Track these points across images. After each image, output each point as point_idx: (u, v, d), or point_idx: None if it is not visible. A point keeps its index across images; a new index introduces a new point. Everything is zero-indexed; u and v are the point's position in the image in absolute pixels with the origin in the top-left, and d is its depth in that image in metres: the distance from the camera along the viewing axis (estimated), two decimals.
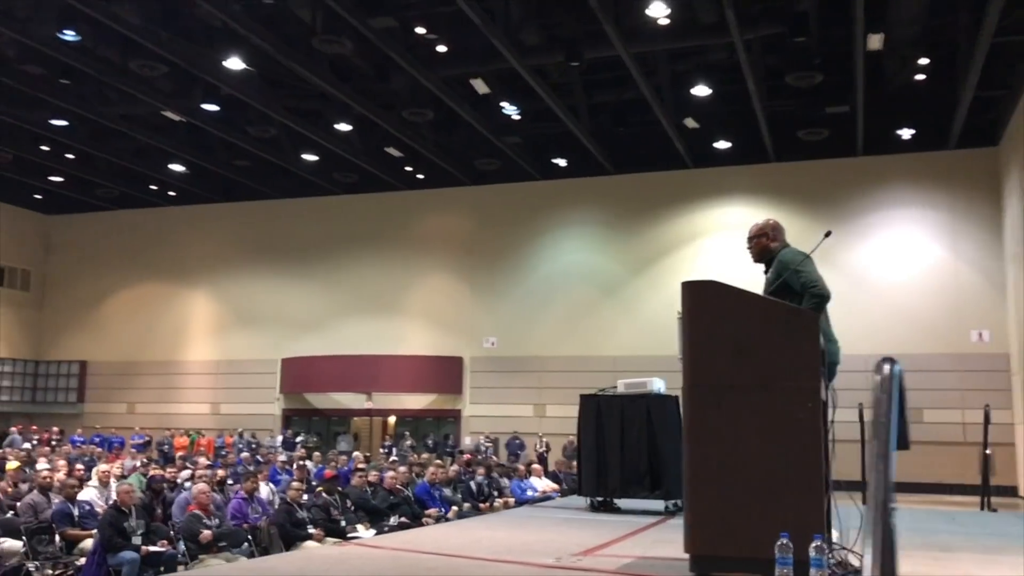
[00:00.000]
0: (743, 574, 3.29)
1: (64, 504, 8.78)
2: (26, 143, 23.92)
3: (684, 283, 3.83)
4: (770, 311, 3.67)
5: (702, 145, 23.34)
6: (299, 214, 27.92)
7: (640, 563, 3.94)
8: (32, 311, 30.31)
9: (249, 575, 3.89)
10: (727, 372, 3.59)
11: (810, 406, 3.47)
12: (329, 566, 4.07)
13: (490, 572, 3.76)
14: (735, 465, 3.50)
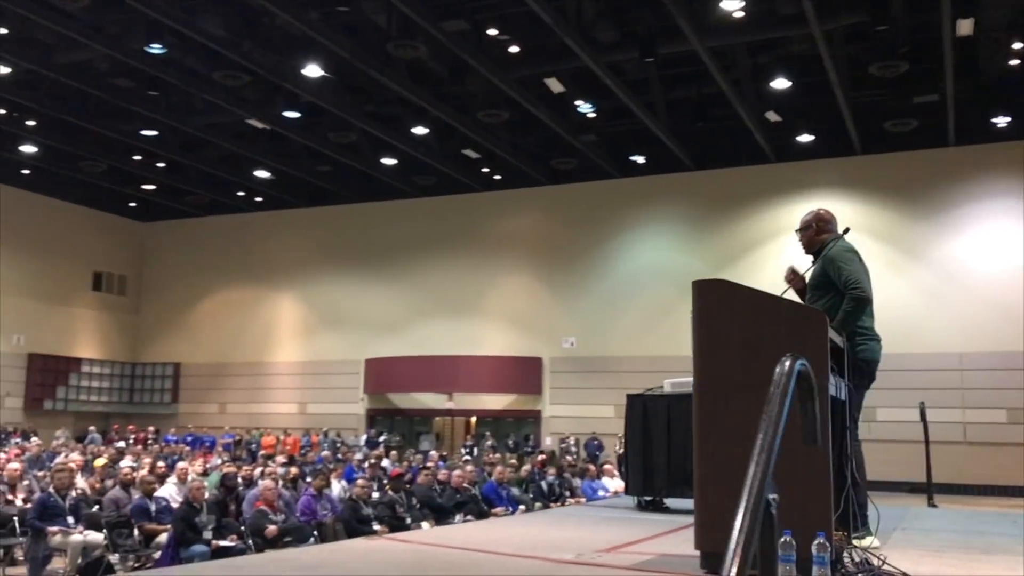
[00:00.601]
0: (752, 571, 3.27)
1: (143, 500, 9.09)
2: (120, 153, 24.90)
3: (694, 282, 3.82)
4: (778, 310, 3.62)
5: (784, 139, 22.84)
6: (380, 217, 28.34)
7: (657, 560, 3.91)
8: (129, 315, 31.53)
9: (265, 566, 3.94)
10: (736, 371, 3.59)
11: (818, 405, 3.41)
12: (350, 558, 4.11)
13: (506, 567, 3.75)
14: (742, 464, 3.46)
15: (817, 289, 4.99)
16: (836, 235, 5.12)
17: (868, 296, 4.71)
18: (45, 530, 8.86)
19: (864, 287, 4.70)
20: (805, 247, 5.15)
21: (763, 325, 3.63)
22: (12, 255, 27.32)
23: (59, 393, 28.55)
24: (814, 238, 5.09)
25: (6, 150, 24.47)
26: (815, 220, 5.12)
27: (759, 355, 3.59)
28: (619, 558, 4.05)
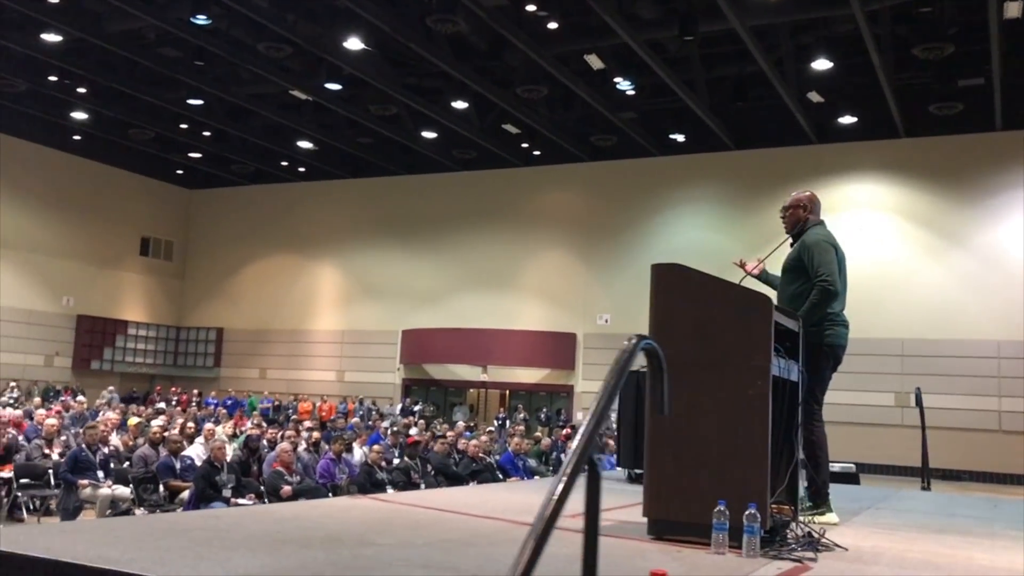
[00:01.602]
0: (692, 537, 3.50)
1: (168, 458, 9.46)
2: (167, 121, 25.40)
3: (653, 265, 3.96)
4: (727, 294, 3.80)
5: (826, 120, 22.58)
6: (420, 190, 28.58)
7: (614, 526, 4.12)
8: (175, 280, 32.28)
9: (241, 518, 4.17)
10: (687, 350, 3.75)
11: (759, 384, 3.59)
12: (326, 514, 4.32)
13: (467, 526, 3.95)
14: (689, 437, 3.68)
15: (790, 272, 5.10)
16: (818, 221, 5.19)
17: (835, 289, 4.82)
18: (76, 483, 9.29)
19: (834, 280, 4.82)
20: (788, 227, 5.23)
21: (713, 308, 3.78)
22: (63, 219, 28.11)
23: (106, 354, 29.40)
24: (801, 218, 5.16)
25: (58, 117, 25.12)
26: (806, 201, 5.19)
27: (708, 336, 3.75)
28: (579, 523, 4.23)
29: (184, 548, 3.15)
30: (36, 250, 27.33)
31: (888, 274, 22.72)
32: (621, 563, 3.23)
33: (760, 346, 3.66)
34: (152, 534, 3.47)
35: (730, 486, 3.50)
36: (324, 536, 3.57)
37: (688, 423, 3.69)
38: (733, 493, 3.43)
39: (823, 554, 3.55)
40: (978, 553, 3.96)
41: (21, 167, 26.77)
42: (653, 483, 3.77)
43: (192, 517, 4.58)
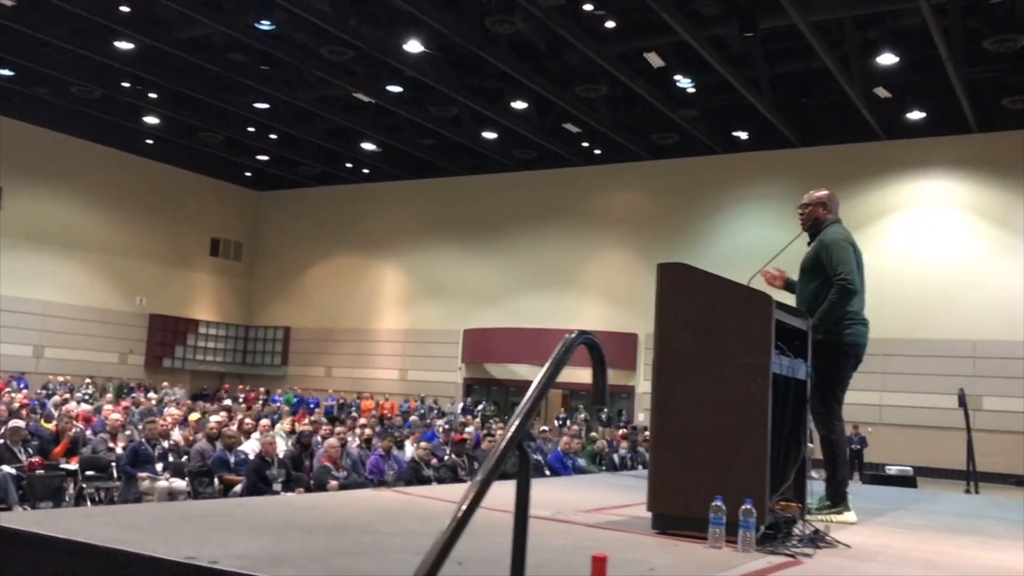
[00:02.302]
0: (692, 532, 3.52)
1: (223, 452, 9.75)
2: (235, 125, 26.07)
3: (658, 264, 3.99)
4: (729, 293, 3.81)
5: (894, 116, 22.07)
6: (481, 190, 28.78)
7: (623, 520, 4.17)
8: (243, 280, 33.09)
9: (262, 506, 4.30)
10: (690, 348, 3.79)
11: (760, 382, 3.59)
12: (343, 504, 4.43)
13: (478, 518, 4.00)
14: (692, 434, 3.71)
15: (808, 272, 5.05)
16: (835, 219, 5.14)
17: (855, 288, 4.77)
18: (135, 475, 9.63)
19: (852, 279, 4.77)
20: (804, 225, 5.18)
21: (715, 306, 3.81)
22: (137, 221, 29.06)
23: (177, 352, 30.31)
24: (819, 217, 5.11)
25: (131, 121, 25.97)
26: (825, 199, 5.14)
27: (710, 334, 3.77)
28: (590, 517, 4.28)
29: (194, 532, 3.28)
30: (111, 251, 28.32)
31: (960, 273, 22.13)
32: (611, 553, 3.26)
33: (760, 344, 3.67)
34: (169, 519, 3.62)
35: (730, 482, 3.52)
36: (332, 524, 3.68)
37: (690, 420, 3.72)
38: (732, 489, 3.45)
39: (823, 551, 3.53)
40: (986, 553, 3.88)
41: (96, 171, 27.79)
42: (657, 479, 3.81)
43: (213, 505, 4.75)
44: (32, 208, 26.32)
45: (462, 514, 1.91)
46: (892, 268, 22.98)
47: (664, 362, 3.85)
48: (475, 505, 1.95)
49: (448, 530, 1.88)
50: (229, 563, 2.71)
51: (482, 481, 1.98)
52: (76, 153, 27.32)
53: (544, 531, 3.86)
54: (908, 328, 22.26)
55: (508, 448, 2.07)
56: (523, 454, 2.09)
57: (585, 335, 2.56)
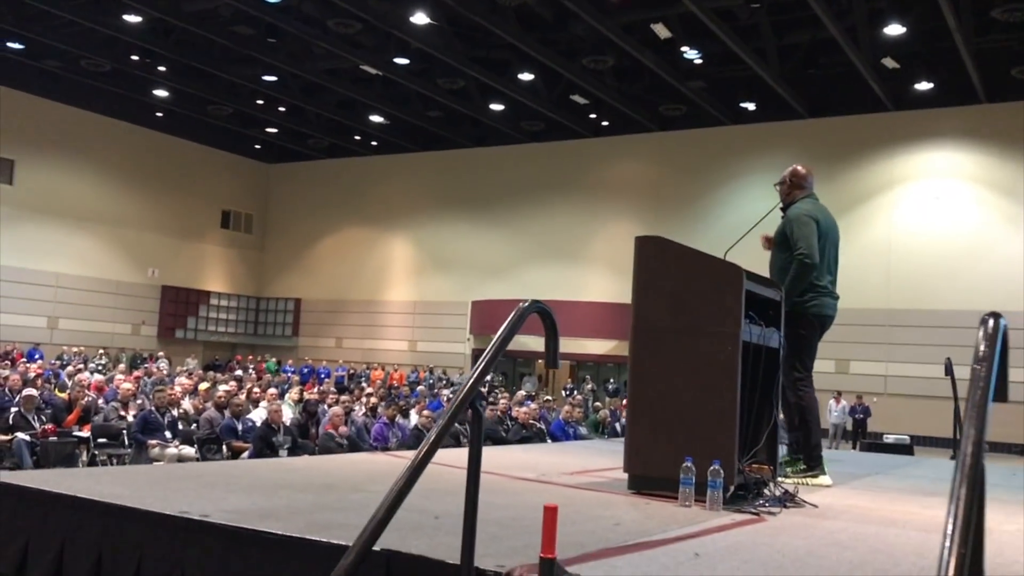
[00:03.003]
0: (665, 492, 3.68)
1: (231, 420, 9.98)
2: (244, 98, 26.18)
3: (636, 238, 4.15)
4: (702, 264, 3.97)
5: (902, 86, 21.98)
6: (489, 162, 28.84)
7: (604, 481, 4.36)
8: (254, 252, 33.35)
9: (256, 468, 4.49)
10: (664, 318, 3.95)
11: (729, 349, 3.74)
12: (338, 467, 4.63)
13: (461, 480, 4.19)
14: (665, 399, 3.87)
15: (778, 245, 5.23)
16: (808, 193, 5.28)
17: (812, 262, 4.92)
18: (145, 443, 9.89)
19: (811, 253, 4.92)
20: (781, 200, 5.34)
21: (689, 278, 3.97)
22: (148, 193, 29.28)
23: (189, 323, 30.64)
24: (790, 193, 5.27)
25: (141, 94, 26.11)
26: (791, 176, 5.30)
27: (684, 304, 3.94)
28: (573, 479, 4.46)
29: (190, 490, 3.48)
30: (123, 223, 28.57)
31: (966, 244, 22.12)
32: (583, 510, 3.44)
33: (731, 314, 3.83)
34: (169, 479, 3.82)
35: (701, 445, 3.68)
36: (323, 484, 3.86)
37: (664, 386, 3.89)
38: (703, 451, 3.62)
39: (789, 511, 3.69)
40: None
41: (107, 144, 27.98)
42: (633, 441, 3.98)
43: (211, 466, 4.95)
44: (44, 181, 26.57)
45: (416, 464, 2.07)
46: (899, 239, 23.02)
47: (640, 331, 4.02)
48: (428, 457, 2.12)
49: (401, 479, 2.05)
50: (219, 516, 2.90)
51: (436, 435, 2.14)
52: (87, 126, 27.50)
53: (524, 490, 4.04)
54: (914, 299, 22.33)
55: (461, 406, 2.23)
56: (475, 412, 2.25)
57: (537, 304, 2.72)
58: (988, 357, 1.50)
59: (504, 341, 2.46)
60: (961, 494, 1.29)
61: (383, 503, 2.05)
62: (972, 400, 1.45)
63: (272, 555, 2.67)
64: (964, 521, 1.23)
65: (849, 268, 24.09)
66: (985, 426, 1.41)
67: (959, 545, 1.19)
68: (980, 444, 1.36)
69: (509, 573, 2.23)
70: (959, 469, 1.37)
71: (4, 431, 9.63)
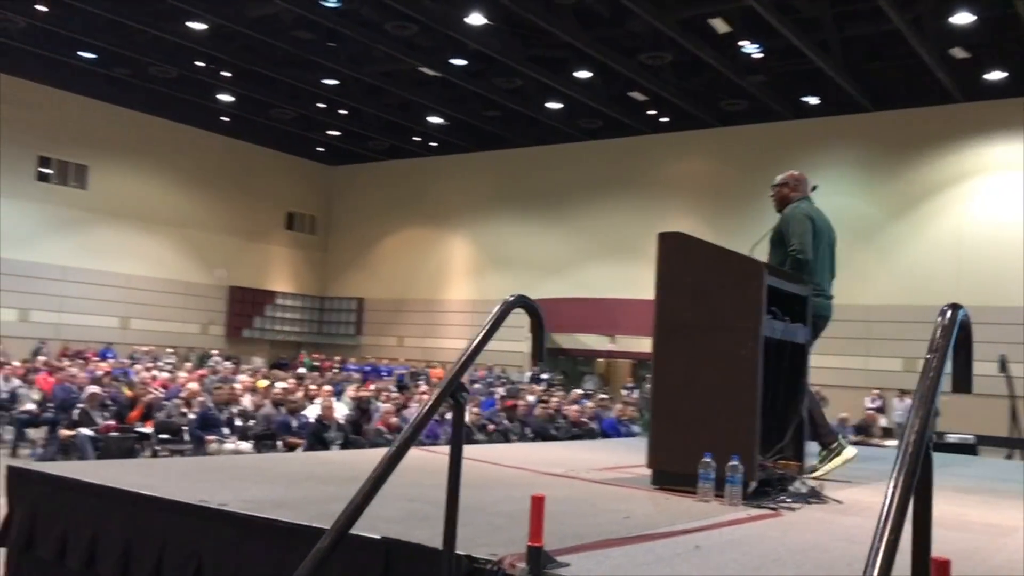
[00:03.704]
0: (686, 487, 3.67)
1: (286, 416, 10.21)
2: (306, 101, 26.64)
3: (659, 234, 4.15)
4: (722, 260, 3.94)
5: (972, 77, 21.34)
6: (546, 161, 28.85)
7: (627, 477, 4.38)
8: (318, 252, 33.95)
9: (290, 462, 4.58)
10: (686, 313, 3.94)
11: (750, 345, 3.71)
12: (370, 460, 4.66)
13: (492, 473, 4.26)
14: (687, 394, 3.86)
15: (774, 245, 5.23)
16: (803, 196, 5.27)
17: (806, 258, 4.89)
18: (203, 438, 10.16)
19: (804, 251, 4.90)
20: (776, 205, 5.35)
21: (710, 273, 3.95)
22: (215, 196, 30.03)
23: (256, 323, 31.32)
24: (786, 196, 5.27)
25: (207, 99, 26.76)
26: (790, 179, 5.31)
27: (704, 300, 3.92)
28: (602, 474, 4.47)
29: (216, 481, 3.59)
30: (191, 226, 29.34)
31: None
32: (599, 503, 3.44)
33: (752, 309, 3.81)
34: (199, 470, 3.94)
35: (721, 440, 3.67)
36: (348, 476, 3.93)
37: (686, 381, 3.89)
38: (724, 447, 3.60)
39: (812, 506, 3.64)
40: (979, 511, 3.93)
41: (175, 148, 28.78)
42: (655, 437, 3.98)
43: (243, 459, 5.08)
44: (116, 185, 27.44)
45: (393, 454, 2.11)
46: (970, 235, 22.37)
47: (662, 326, 4.02)
48: (405, 447, 2.15)
49: (378, 467, 2.09)
50: (236, 506, 2.99)
51: (414, 427, 2.18)
52: (156, 131, 28.31)
53: (547, 484, 4.06)
54: (985, 295, 21.66)
55: (441, 396, 2.27)
56: (457, 403, 2.29)
57: (523, 298, 2.74)
58: (942, 348, 1.49)
59: (487, 334, 2.49)
60: (899, 480, 1.28)
61: (360, 490, 2.09)
62: (919, 390, 1.44)
63: (282, 542, 2.74)
64: (898, 507, 1.22)
65: (917, 265, 23.65)
66: (931, 416, 1.39)
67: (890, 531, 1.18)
68: (923, 433, 1.34)
69: (500, 561, 2.26)
70: (900, 455, 1.35)
71: (69, 427, 9.99)
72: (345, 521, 2.04)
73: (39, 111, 25.58)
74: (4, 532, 3.68)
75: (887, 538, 1.19)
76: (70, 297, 26.08)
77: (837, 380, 22.54)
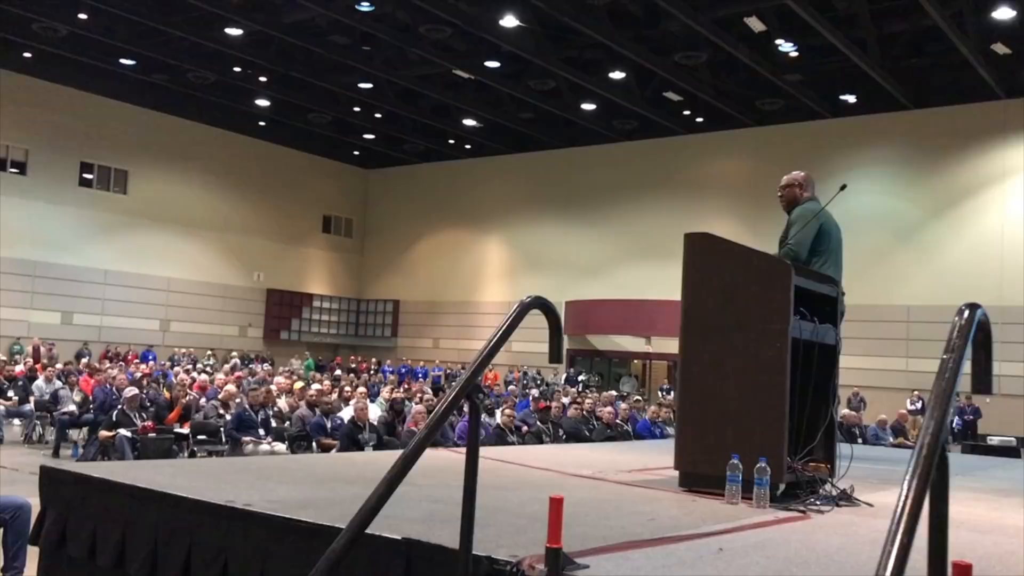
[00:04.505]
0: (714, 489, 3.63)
1: (320, 418, 10.27)
2: (343, 105, 26.83)
3: (685, 234, 4.12)
4: (750, 261, 3.88)
5: (1014, 72, 20.96)
6: (582, 162, 28.79)
7: (655, 479, 4.35)
8: (354, 255, 34.18)
9: (315, 464, 4.60)
10: (713, 314, 3.90)
11: (778, 346, 3.66)
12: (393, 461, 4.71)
13: (517, 475, 4.25)
14: (714, 396, 3.82)
15: (782, 244, 5.17)
16: (811, 196, 5.21)
17: (797, 256, 4.83)
18: (240, 439, 10.25)
19: (797, 246, 4.84)
20: (784, 205, 5.30)
21: (737, 274, 3.90)
22: (253, 200, 30.37)
23: (293, 325, 31.61)
24: (796, 197, 5.22)
25: (244, 104, 27.06)
26: (800, 180, 5.25)
27: (732, 300, 3.88)
28: (629, 476, 4.44)
29: (244, 482, 3.61)
30: (229, 230, 29.70)
31: None
32: (622, 506, 3.42)
33: (780, 310, 3.76)
34: (230, 470, 3.97)
35: (749, 442, 3.63)
36: (373, 477, 3.91)
37: (713, 383, 3.85)
38: (752, 449, 3.56)
39: (842, 509, 3.59)
40: (1014, 514, 3.84)
41: (214, 153, 29.15)
42: (683, 438, 3.94)
43: (272, 460, 5.11)
44: (156, 190, 27.86)
45: (408, 455, 2.11)
46: (1011, 233, 21.94)
47: (689, 327, 4.00)
48: (420, 448, 2.15)
49: (393, 468, 2.09)
50: (261, 506, 3.01)
51: (428, 428, 2.17)
52: (194, 136, 28.70)
53: (574, 486, 4.04)
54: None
55: (457, 397, 2.26)
56: (473, 404, 2.28)
57: (540, 300, 2.72)
58: (958, 348, 1.45)
59: (504, 335, 2.47)
60: (913, 484, 1.25)
61: (375, 491, 2.09)
62: (934, 391, 1.40)
63: (305, 541, 2.75)
64: (912, 509, 1.19)
65: (959, 264, 23.26)
66: (946, 416, 1.36)
67: (903, 533, 1.15)
68: (939, 434, 1.31)
69: (519, 562, 2.25)
70: (914, 458, 1.32)
71: (109, 428, 10.14)
72: (360, 522, 2.05)
73: (80, 118, 26.04)
74: (37, 531, 3.75)
75: (899, 541, 1.17)
76: (112, 300, 26.52)
77: (877, 382, 22.23)
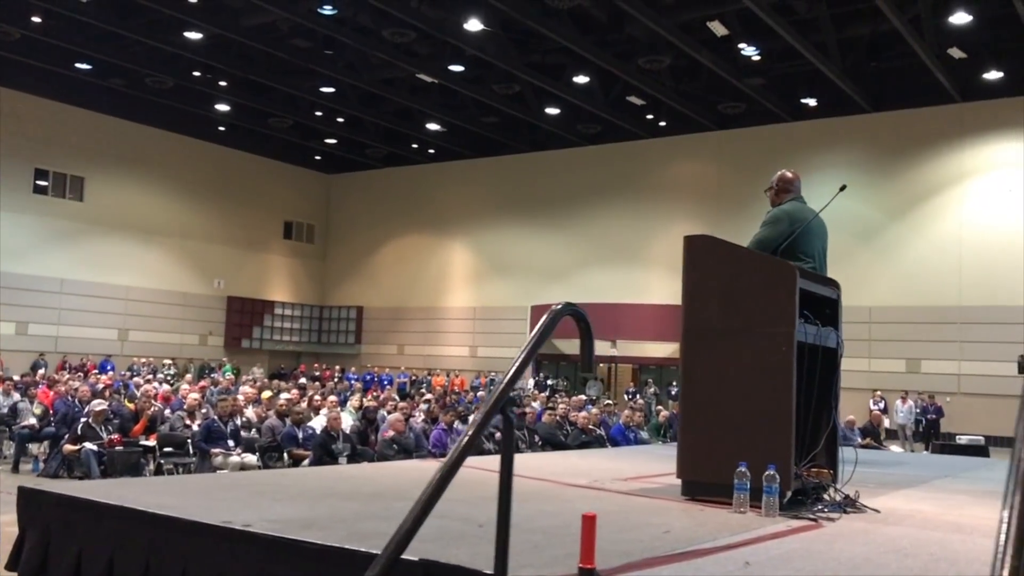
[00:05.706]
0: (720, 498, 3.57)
1: (292, 428, 10.08)
2: (304, 109, 26.56)
3: (685, 237, 4.04)
4: (754, 263, 3.82)
5: (970, 76, 21.33)
6: (546, 166, 28.78)
7: (655, 487, 4.28)
8: (316, 261, 33.83)
9: (305, 477, 4.48)
10: (716, 318, 3.85)
11: (784, 350, 3.60)
12: (387, 474, 4.61)
13: (524, 488, 4.15)
14: (718, 402, 3.75)
15: None
16: (794, 196, 5.20)
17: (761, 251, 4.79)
18: (208, 451, 10.04)
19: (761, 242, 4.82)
20: (771, 204, 5.29)
21: (740, 277, 3.84)
22: (212, 206, 29.91)
23: (255, 333, 31.17)
24: (776, 198, 5.20)
25: (203, 109, 26.66)
26: (778, 181, 5.23)
27: (735, 304, 3.81)
28: (626, 485, 4.37)
29: (236, 499, 3.47)
30: (189, 236, 29.22)
31: None
32: (631, 517, 3.34)
33: (784, 313, 3.71)
34: (219, 488, 3.83)
35: (755, 449, 3.57)
36: (370, 491, 3.83)
37: (717, 388, 3.78)
38: (758, 456, 3.50)
39: (850, 515, 3.55)
40: None
41: (172, 159, 28.67)
42: (686, 446, 3.87)
43: (262, 475, 4.97)
44: (113, 197, 27.31)
45: (445, 473, 2.01)
46: (970, 234, 22.32)
47: (691, 332, 3.92)
48: (457, 466, 2.06)
49: (429, 488, 1.99)
50: (261, 526, 2.88)
51: (466, 443, 2.08)
52: (152, 142, 28.19)
53: (575, 497, 3.96)
54: (987, 295, 21.63)
55: (491, 411, 2.17)
56: (506, 418, 2.18)
57: (571, 307, 2.62)
58: None
59: (536, 345, 2.38)
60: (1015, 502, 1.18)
61: (411, 513, 1.99)
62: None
63: (312, 564, 2.63)
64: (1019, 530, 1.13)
65: (919, 265, 23.55)
66: None
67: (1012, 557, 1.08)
68: None
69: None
70: (1013, 473, 1.26)
71: (74, 441, 9.86)
72: (396, 548, 1.94)
73: (35, 123, 25.46)
74: (15, 556, 3.57)
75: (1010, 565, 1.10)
76: (68, 310, 25.93)
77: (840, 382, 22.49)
